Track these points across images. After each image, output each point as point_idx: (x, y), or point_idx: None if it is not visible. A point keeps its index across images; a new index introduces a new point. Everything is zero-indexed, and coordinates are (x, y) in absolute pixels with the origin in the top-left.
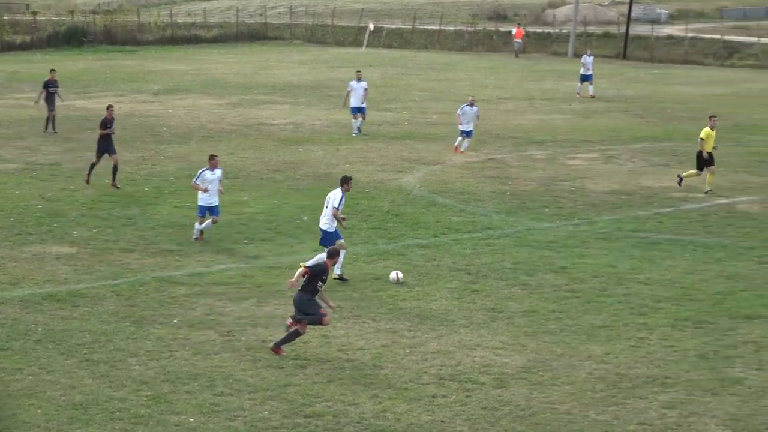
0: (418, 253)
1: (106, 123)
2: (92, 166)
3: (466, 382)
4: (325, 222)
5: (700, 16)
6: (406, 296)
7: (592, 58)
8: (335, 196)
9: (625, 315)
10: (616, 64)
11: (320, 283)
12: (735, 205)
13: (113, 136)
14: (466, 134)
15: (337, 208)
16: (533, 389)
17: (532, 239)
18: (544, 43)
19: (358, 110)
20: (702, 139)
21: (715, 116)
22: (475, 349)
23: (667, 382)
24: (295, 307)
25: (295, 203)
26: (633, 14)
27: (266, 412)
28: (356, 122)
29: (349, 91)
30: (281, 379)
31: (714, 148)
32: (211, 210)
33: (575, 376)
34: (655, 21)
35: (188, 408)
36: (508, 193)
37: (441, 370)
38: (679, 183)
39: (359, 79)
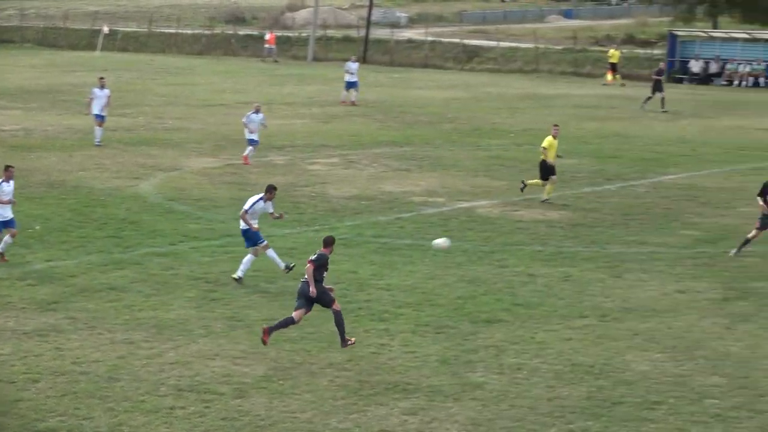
0: (155, 261)
1: None
2: None
3: (204, 392)
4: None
5: (439, 19)
6: (143, 306)
7: (357, 64)
8: (251, 200)
9: (366, 321)
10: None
11: (325, 272)
12: (475, 209)
13: None
14: (252, 143)
15: (246, 211)
16: (273, 398)
17: (272, 246)
18: (283, 47)
19: (101, 118)
20: (544, 147)
21: (557, 125)
22: (214, 359)
23: (408, 388)
24: (303, 297)
25: (26, 212)
26: (373, 18)
27: None
28: (99, 130)
29: (91, 98)
30: (12, 394)
31: (559, 156)
32: (7, 223)
33: (316, 384)
34: (395, 24)
35: None
36: None
37: (179, 381)
38: (522, 189)
39: (102, 87)
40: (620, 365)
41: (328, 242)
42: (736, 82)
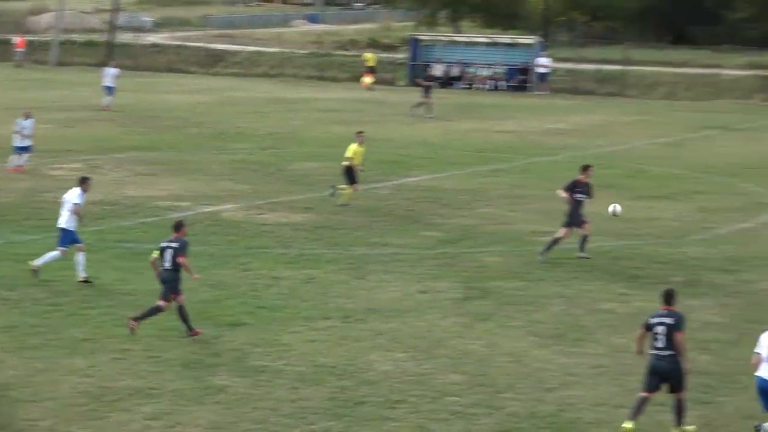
0: None
1: None
2: None
3: None
4: (65, 221)
5: (185, 24)
6: None
7: (117, 70)
8: (73, 194)
9: (110, 327)
10: (99, 73)
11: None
12: (220, 213)
13: None
14: (25, 149)
15: (79, 204)
16: (12, 407)
17: (13, 252)
18: (26, 51)
19: None
20: (350, 157)
21: (362, 132)
22: None
23: (151, 393)
24: (165, 284)
25: None
26: (118, 22)
27: None
28: None
29: None
30: None
31: (361, 167)
32: None
33: (57, 392)
34: (139, 29)
35: None
36: None
37: None
38: (332, 195)
39: None
40: (363, 365)
41: (180, 225)
42: (476, 86)
